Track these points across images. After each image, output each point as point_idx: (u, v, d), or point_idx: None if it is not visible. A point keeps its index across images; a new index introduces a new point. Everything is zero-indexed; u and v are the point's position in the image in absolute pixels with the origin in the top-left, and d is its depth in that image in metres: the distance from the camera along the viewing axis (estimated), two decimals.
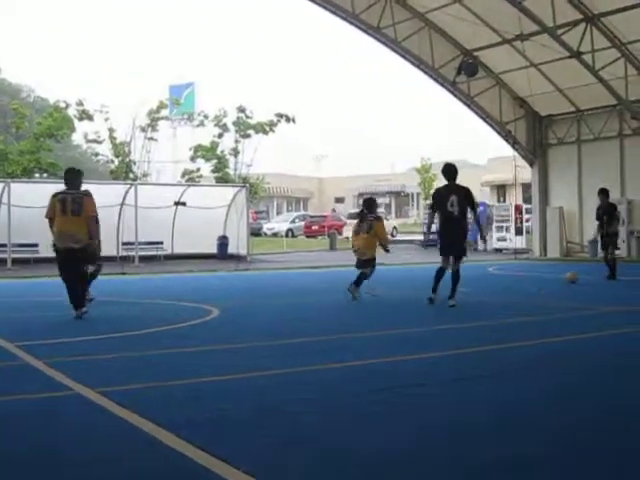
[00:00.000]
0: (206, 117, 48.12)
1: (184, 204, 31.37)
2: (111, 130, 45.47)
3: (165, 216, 31.41)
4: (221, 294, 17.20)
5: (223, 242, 32.52)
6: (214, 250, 32.42)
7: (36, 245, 28.39)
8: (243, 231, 32.69)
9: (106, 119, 44.98)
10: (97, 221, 12.15)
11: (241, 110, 47.35)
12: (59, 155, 50.43)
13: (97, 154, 48.56)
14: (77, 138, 55.41)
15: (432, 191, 13.05)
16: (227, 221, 33.32)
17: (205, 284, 20.78)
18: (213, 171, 46.99)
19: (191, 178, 46.45)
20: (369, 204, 15.85)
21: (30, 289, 19.34)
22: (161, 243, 32.13)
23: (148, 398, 6.22)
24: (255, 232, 44.53)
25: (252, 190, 42.29)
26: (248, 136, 47.12)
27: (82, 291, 11.97)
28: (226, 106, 48.45)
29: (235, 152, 47.54)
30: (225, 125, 47.26)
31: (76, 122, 45.15)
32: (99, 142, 46.26)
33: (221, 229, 33.09)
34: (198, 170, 47.56)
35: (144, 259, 29.82)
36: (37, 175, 42.33)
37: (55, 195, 12.14)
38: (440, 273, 13.47)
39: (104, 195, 31.02)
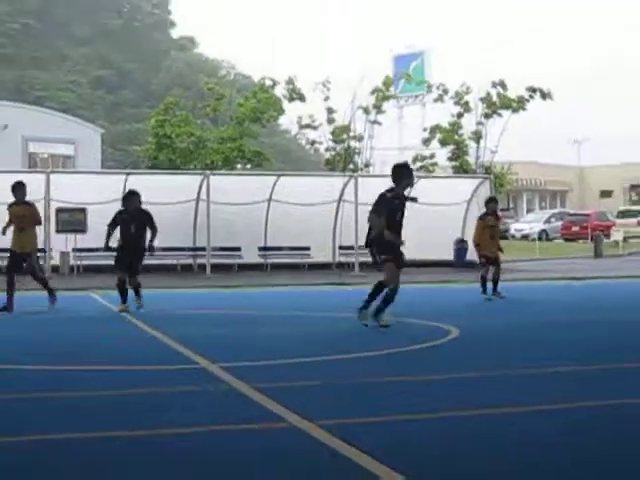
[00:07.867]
0: (445, 92, 47.83)
1: (415, 200, 31.22)
2: (330, 111, 46.00)
3: None
4: (461, 311, 17.07)
5: (461, 247, 32.13)
6: (450, 257, 32.15)
7: (238, 249, 29.34)
8: None
9: (325, 98, 45.63)
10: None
11: (494, 85, 46.62)
12: (264, 142, 51.64)
13: (313, 142, 49.32)
14: (285, 122, 56.48)
15: None
16: (466, 221, 32.79)
17: (438, 299, 20.70)
18: (450, 159, 46.41)
19: (423, 167, 45.91)
20: None
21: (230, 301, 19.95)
22: None
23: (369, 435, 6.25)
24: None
25: (497, 182, 41.70)
26: (493, 115, 46.17)
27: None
28: (461, 80, 48.02)
29: (477, 136, 46.76)
30: (467, 103, 46.88)
31: (285, 103, 46.06)
32: (314, 127, 46.90)
33: (459, 231, 32.68)
34: (432, 157, 47.23)
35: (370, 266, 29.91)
36: (239, 166, 43.49)
37: None
38: None
39: (318, 189, 31.70)
